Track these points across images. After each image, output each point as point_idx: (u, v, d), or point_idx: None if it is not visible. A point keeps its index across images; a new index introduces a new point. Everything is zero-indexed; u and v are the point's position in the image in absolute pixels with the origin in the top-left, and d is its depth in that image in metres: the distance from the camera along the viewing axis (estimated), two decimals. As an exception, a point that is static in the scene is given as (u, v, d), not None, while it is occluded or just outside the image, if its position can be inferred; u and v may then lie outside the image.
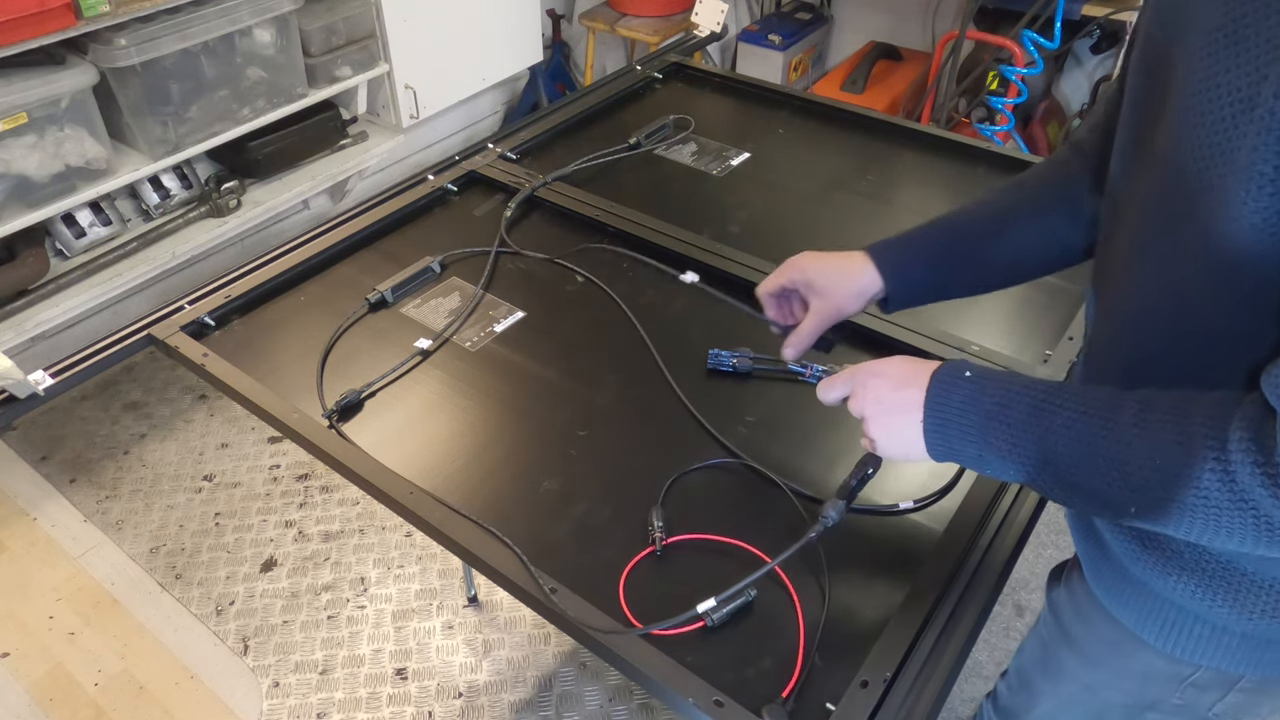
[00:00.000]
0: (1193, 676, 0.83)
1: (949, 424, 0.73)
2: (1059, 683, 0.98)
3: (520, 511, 0.99)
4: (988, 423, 0.71)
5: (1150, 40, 0.71)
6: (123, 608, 2.05)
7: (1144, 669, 0.86)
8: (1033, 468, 0.70)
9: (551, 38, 3.64)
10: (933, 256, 0.95)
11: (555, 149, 1.66)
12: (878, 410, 0.78)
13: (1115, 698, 0.91)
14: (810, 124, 1.74)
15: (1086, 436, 0.66)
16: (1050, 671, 0.99)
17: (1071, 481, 0.68)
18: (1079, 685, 0.95)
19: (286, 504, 2.28)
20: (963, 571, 0.91)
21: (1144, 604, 0.82)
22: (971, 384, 0.73)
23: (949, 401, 0.73)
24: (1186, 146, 0.63)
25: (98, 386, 2.61)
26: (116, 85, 2.01)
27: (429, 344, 1.22)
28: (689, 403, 1.11)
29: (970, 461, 0.74)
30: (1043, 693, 1.01)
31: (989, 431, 0.71)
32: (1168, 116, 0.66)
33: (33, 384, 1.13)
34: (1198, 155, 0.62)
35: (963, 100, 2.94)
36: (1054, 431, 0.68)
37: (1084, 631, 0.91)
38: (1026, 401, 0.69)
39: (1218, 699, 0.84)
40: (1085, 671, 0.93)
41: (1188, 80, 0.63)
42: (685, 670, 0.82)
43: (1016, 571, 0.97)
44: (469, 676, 1.90)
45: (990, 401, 0.71)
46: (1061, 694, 0.98)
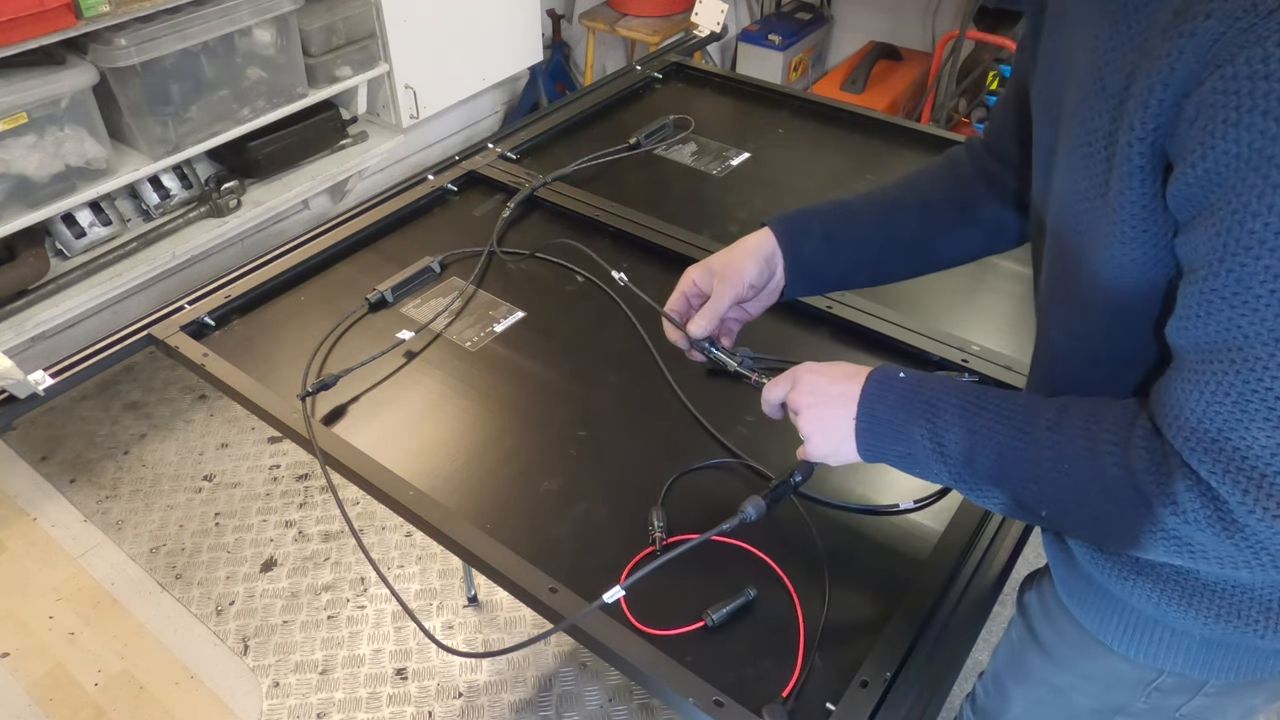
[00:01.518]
0: (1157, 681, 0.84)
1: (880, 421, 0.75)
2: (1029, 686, 0.98)
3: (520, 511, 0.99)
4: (915, 421, 0.73)
5: (1043, 113, 0.75)
6: (123, 608, 2.05)
7: (1109, 673, 0.86)
8: (955, 468, 0.72)
9: (551, 38, 3.64)
10: (826, 226, 0.95)
11: (555, 149, 1.66)
12: (813, 402, 0.80)
13: (1083, 701, 0.92)
14: (810, 124, 1.74)
15: (1006, 440, 0.69)
16: (1020, 675, 0.99)
17: (990, 482, 0.71)
18: (1047, 688, 0.95)
19: (286, 504, 2.28)
20: (963, 571, 0.91)
21: (1106, 608, 0.82)
22: (904, 384, 0.75)
23: (883, 399, 0.75)
24: (1069, 199, 0.68)
25: (98, 386, 2.61)
26: (116, 85, 2.01)
27: (410, 334, 1.23)
28: (689, 403, 1.11)
29: (897, 460, 0.76)
30: (1015, 696, 1.01)
31: (916, 430, 0.73)
32: (1056, 174, 0.71)
33: (33, 384, 1.13)
34: (1075, 205, 0.67)
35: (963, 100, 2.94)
36: (976, 434, 0.71)
37: (1051, 635, 0.92)
38: (954, 404, 0.72)
39: (1184, 702, 0.84)
40: (1053, 675, 0.93)
41: (1068, 134, 0.67)
42: (685, 670, 0.82)
43: (1016, 571, 0.97)
44: (469, 676, 1.90)
45: (920, 402, 0.74)
46: (1032, 697, 0.99)
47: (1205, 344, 0.59)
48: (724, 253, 0.95)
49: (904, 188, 0.97)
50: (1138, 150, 0.59)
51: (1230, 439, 0.57)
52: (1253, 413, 0.56)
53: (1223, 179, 0.54)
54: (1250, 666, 0.78)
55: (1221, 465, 0.58)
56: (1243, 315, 0.56)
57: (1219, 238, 0.55)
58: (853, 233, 0.96)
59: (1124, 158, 0.60)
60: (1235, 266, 0.55)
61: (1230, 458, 0.58)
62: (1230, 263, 0.55)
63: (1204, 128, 0.54)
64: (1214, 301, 0.57)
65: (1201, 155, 0.54)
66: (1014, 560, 0.95)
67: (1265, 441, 0.56)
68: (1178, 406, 0.60)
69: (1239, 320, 0.56)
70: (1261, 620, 0.73)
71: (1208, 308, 0.57)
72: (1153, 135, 0.58)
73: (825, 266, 0.95)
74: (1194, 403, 0.59)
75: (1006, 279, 1.33)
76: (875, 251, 0.96)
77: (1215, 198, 0.55)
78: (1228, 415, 0.57)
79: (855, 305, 1.23)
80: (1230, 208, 0.54)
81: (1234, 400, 0.57)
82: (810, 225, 0.95)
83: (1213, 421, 0.58)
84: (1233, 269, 0.55)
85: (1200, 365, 0.59)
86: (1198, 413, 0.59)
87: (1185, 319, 0.60)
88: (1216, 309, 0.57)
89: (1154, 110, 0.57)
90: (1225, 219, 0.54)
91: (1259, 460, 0.57)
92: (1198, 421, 0.59)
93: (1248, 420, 0.56)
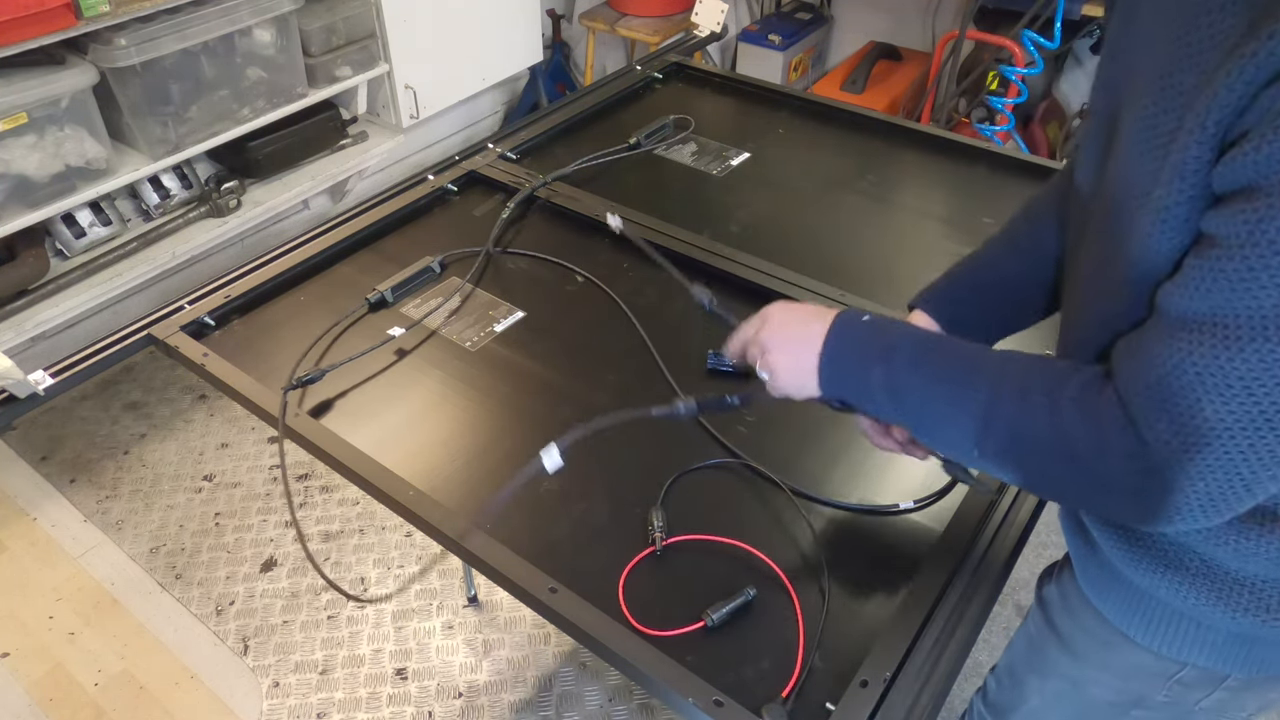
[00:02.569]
0: (1180, 674, 0.84)
1: (843, 356, 0.80)
2: (1046, 679, 0.99)
3: (520, 511, 0.99)
4: (874, 363, 0.78)
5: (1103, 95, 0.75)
6: (123, 608, 2.05)
7: (1130, 665, 0.87)
8: (904, 408, 0.77)
9: (551, 38, 3.64)
10: (981, 299, 0.96)
11: (555, 149, 1.66)
12: (782, 339, 0.83)
13: (1101, 694, 0.92)
14: (810, 124, 1.74)
15: (951, 381, 0.74)
16: (1038, 668, 0.99)
17: (936, 421, 0.76)
18: (1066, 681, 0.96)
19: (286, 504, 2.28)
20: (963, 571, 0.91)
21: (1130, 601, 0.83)
22: (868, 326, 0.80)
23: (847, 337, 0.80)
24: (1120, 188, 0.69)
25: (98, 386, 2.61)
26: (116, 85, 2.01)
27: (401, 331, 1.23)
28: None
29: (854, 395, 0.80)
30: (1031, 689, 1.02)
31: (874, 372, 0.77)
32: (1111, 162, 0.71)
33: (33, 384, 1.13)
34: (1127, 196, 0.67)
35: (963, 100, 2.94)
36: (926, 376, 0.75)
37: (1072, 628, 0.92)
38: (909, 348, 0.77)
39: (1204, 696, 0.85)
40: (1072, 667, 0.94)
41: (1129, 126, 0.68)
42: (685, 670, 0.82)
43: (1016, 571, 0.97)
44: (469, 676, 1.90)
45: (880, 344, 0.78)
46: (1049, 690, 0.99)
47: (1194, 313, 0.60)
48: None
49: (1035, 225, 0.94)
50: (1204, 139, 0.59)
51: (1180, 404, 0.61)
52: (1209, 385, 0.59)
53: (1274, 169, 0.55)
54: (1274, 661, 0.78)
55: (1163, 423, 0.62)
56: (1240, 298, 0.57)
57: (1248, 223, 0.56)
58: (1004, 295, 0.95)
59: (1187, 146, 0.60)
60: (1252, 254, 0.56)
61: (1174, 418, 0.61)
62: (1248, 249, 0.56)
63: (1275, 117, 0.54)
64: (1219, 279, 0.58)
65: (1260, 143, 0.55)
66: (1014, 560, 0.95)
67: (1209, 414, 0.60)
68: (1143, 363, 0.63)
69: (1235, 301, 0.58)
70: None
71: (1211, 282, 0.59)
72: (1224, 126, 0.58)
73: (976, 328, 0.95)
74: (1161, 363, 0.62)
75: (1006, 279, 1.33)
76: (1027, 306, 0.95)
77: (1260, 183, 0.56)
78: (1187, 381, 0.60)
79: (855, 306, 1.23)
80: (1270, 198, 0.55)
81: (1198, 370, 0.60)
82: (965, 298, 0.96)
83: (1173, 383, 0.61)
84: (1248, 255, 0.56)
85: (1179, 330, 0.61)
86: (1160, 373, 0.62)
87: (1185, 286, 0.61)
88: (1219, 286, 0.58)
89: (1231, 102, 0.57)
90: (1262, 207, 0.55)
91: (1197, 429, 0.61)
92: (1156, 380, 0.62)
93: (1202, 390, 0.60)
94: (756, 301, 1.29)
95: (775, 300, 0.89)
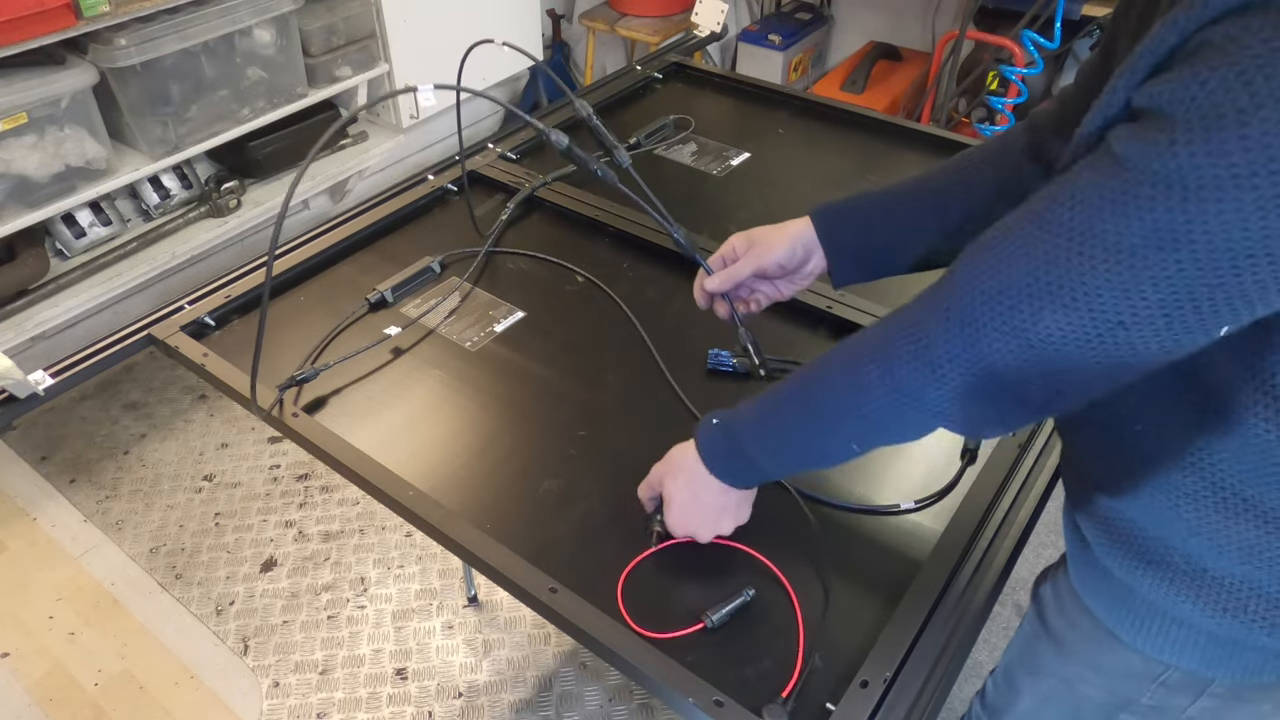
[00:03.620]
0: (1164, 676, 0.84)
1: (720, 460, 0.85)
2: (1039, 678, 0.99)
3: (520, 511, 0.99)
4: (743, 450, 0.82)
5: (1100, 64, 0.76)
6: (123, 608, 2.05)
7: (1117, 665, 0.87)
8: (781, 464, 0.84)
9: (551, 38, 3.64)
10: (869, 214, 0.97)
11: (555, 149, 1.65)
12: (686, 516, 0.90)
13: (1091, 694, 0.92)
14: (810, 124, 1.74)
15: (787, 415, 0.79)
16: (1031, 666, 1.00)
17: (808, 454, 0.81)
18: (1057, 680, 0.96)
19: (286, 504, 2.28)
20: (963, 571, 0.91)
21: (1117, 599, 0.83)
22: (719, 428, 0.84)
23: (714, 448, 0.85)
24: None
25: (98, 386, 2.61)
26: (116, 85, 2.01)
27: (398, 330, 1.23)
28: (690, 402, 1.11)
29: (754, 480, 0.88)
30: (1024, 688, 1.02)
31: (748, 455, 0.82)
32: None
33: (33, 384, 1.12)
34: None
35: (963, 100, 2.94)
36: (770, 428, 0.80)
37: (1063, 625, 0.92)
38: (752, 416, 0.81)
39: (1189, 702, 0.85)
40: (1062, 665, 0.94)
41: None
42: (685, 670, 0.82)
43: (1016, 571, 0.97)
44: (469, 676, 1.90)
45: (738, 428, 0.82)
46: (1041, 689, 0.99)
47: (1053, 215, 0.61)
48: (768, 228, 1.00)
49: (951, 171, 0.97)
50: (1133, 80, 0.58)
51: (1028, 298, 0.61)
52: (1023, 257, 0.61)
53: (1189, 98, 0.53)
54: (1257, 666, 0.78)
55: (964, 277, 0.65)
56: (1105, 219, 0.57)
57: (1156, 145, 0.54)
58: (895, 220, 0.96)
59: (1114, 89, 0.59)
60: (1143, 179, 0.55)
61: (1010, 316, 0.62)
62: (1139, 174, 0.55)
63: (1208, 51, 0.52)
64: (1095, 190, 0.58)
65: (1191, 69, 0.53)
66: (1014, 560, 0.95)
67: (1018, 277, 0.61)
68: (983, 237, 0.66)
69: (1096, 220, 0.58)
70: (1269, 618, 0.73)
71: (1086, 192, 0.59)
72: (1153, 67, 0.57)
73: (869, 254, 0.98)
74: (991, 237, 0.65)
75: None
76: (920, 240, 0.96)
77: (1174, 111, 0.54)
78: (1001, 253, 0.63)
79: (855, 305, 1.23)
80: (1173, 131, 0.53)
81: (1014, 243, 0.62)
82: (853, 214, 0.97)
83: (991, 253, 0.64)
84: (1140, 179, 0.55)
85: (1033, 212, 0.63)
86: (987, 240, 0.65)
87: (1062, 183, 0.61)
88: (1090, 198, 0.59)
89: (1169, 40, 0.55)
90: (1163, 138, 0.54)
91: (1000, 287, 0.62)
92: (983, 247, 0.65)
93: (1011, 255, 0.62)
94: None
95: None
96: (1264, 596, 0.73)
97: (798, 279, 1.01)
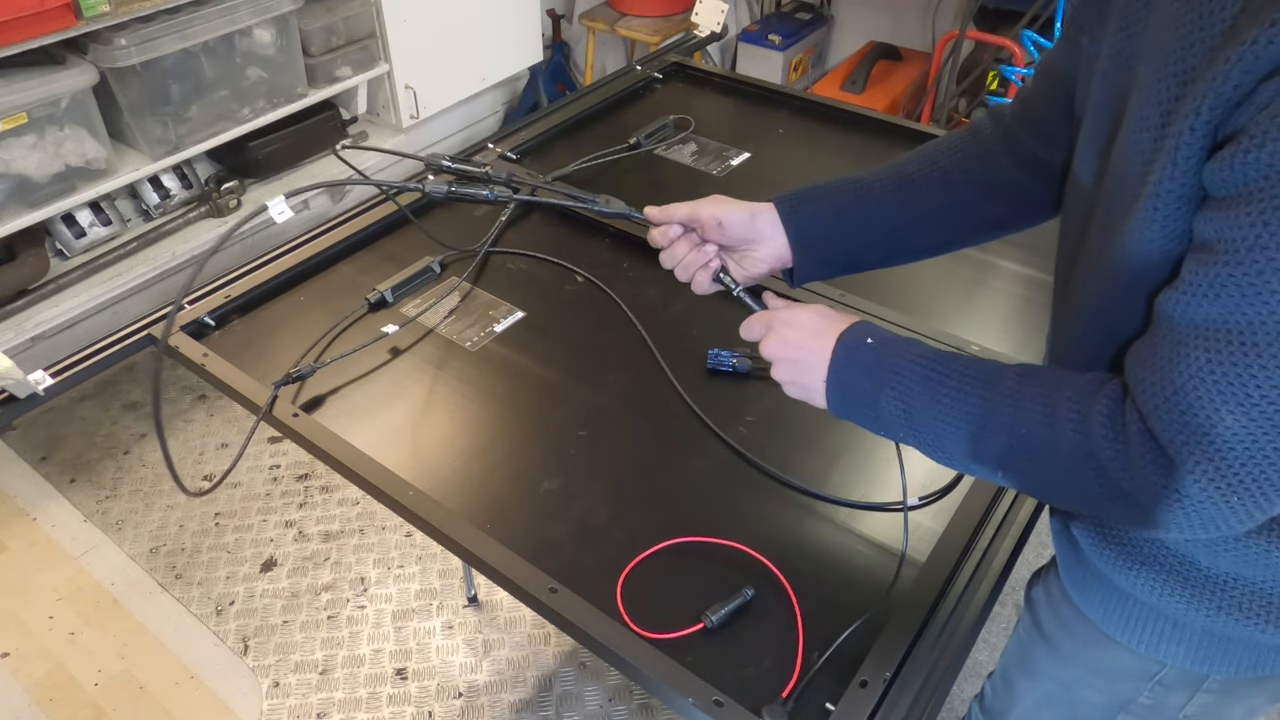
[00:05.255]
0: (1159, 674, 0.84)
1: (848, 388, 0.77)
2: (1036, 680, 0.99)
3: (520, 511, 0.99)
4: (883, 390, 0.74)
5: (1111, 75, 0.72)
6: (123, 608, 2.05)
7: (1113, 666, 0.87)
8: (919, 432, 0.74)
9: (551, 38, 3.64)
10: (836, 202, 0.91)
11: (555, 149, 1.66)
12: (784, 357, 0.80)
13: (1089, 696, 0.92)
14: (810, 124, 1.74)
15: (967, 405, 0.71)
16: (1028, 669, 1.00)
17: (949, 442, 0.73)
18: (1055, 683, 0.96)
19: (286, 504, 2.28)
20: (963, 571, 0.91)
21: (1110, 600, 0.83)
22: (871, 351, 0.76)
23: (850, 367, 0.76)
24: (1120, 171, 0.67)
25: (98, 386, 2.61)
26: (116, 85, 2.01)
27: (394, 328, 1.23)
28: (690, 401, 1.11)
29: (864, 422, 0.77)
30: (1022, 691, 1.02)
31: (883, 398, 0.74)
32: (1115, 146, 0.69)
33: (33, 384, 1.13)
34: (1125, 179, 0.66)
35: (963, 100, 2.94)
36: (939, 401, 0.72)
37: (1057, 627, 0.92)
38: (920, 371, 0.73)
39: (1186, 700, 0.85)
40: (1059, 669, 0.94)
41: (1137, 111, 0.66)
42: (685, 670, 0.82)
43: (1016, 571, 0.97)
44: (469, 676, 1.90)
45: (887, 371, 0.74)
46: (1039, 692, 0.99)
47: (1203, 321, 0.59)
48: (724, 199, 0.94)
49: (922, 160, 0.91)
50: (1197, 125, 0.58)
51: (1200, 414, 0.59)
52: (1228, 394, 0.58)
53: (1274, 171, 0.54)
54: (1250, 662, 0.78)
55: (1184, 435, 0.60)
56: (1252, 304, 0.56)
57: (1254, 227, 0.55)
58: (864, 209, 0.90)
59: (1180, 131, 0.59)
60: (1261, 258, 0.55)
61: (1194, 430, 0.59)
62: (1258, 254, 0.55)
63: (1274, 115, 0.53)
64: (1228, 285, 0.57)
65: (1263, 141, 0.54)
66: (1014, 560, 0.95)
67: (1230, 423, 0.58)
68: (1159, 374, 0.62)
69: (1246, 308, 0.56)
70: (1262, 614, 0.74)
71: (1219, 289, 0.58)
72: (1220, 114, 0.57)
73: (834, 245, 0.91)
74: (1177, 374, 0.60)
75: (1006, 279, 1.33)
76: (890, 229, 0.91)
77: (1262, 186, 0.55)
78: (1205, 391, 0.59)
79: (855, 305, 1.23)
80: (1274, 201, 0.54)
81: (1216, 380, 0.58)
82: (818, 203, 0.91)
83: (1191, 394, 0.59)
84: (1258, 260, 0.55)
85: (1192, 339, 0.60)
86: (1177, 384, 0.60)
87: (1189, 293, 0.60)
88: (1228, 292, 0.57)
89: (1227, 91, 0.56)
90: (1267, 211, 0.54)
91: (1218, 438, 0.59)
92: (1174, 391, 0.60)
93: (1221, 400, 0.58)
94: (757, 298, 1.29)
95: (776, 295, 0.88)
96: (1257, 593, 0.73)
97: (755, 261, 0.92)
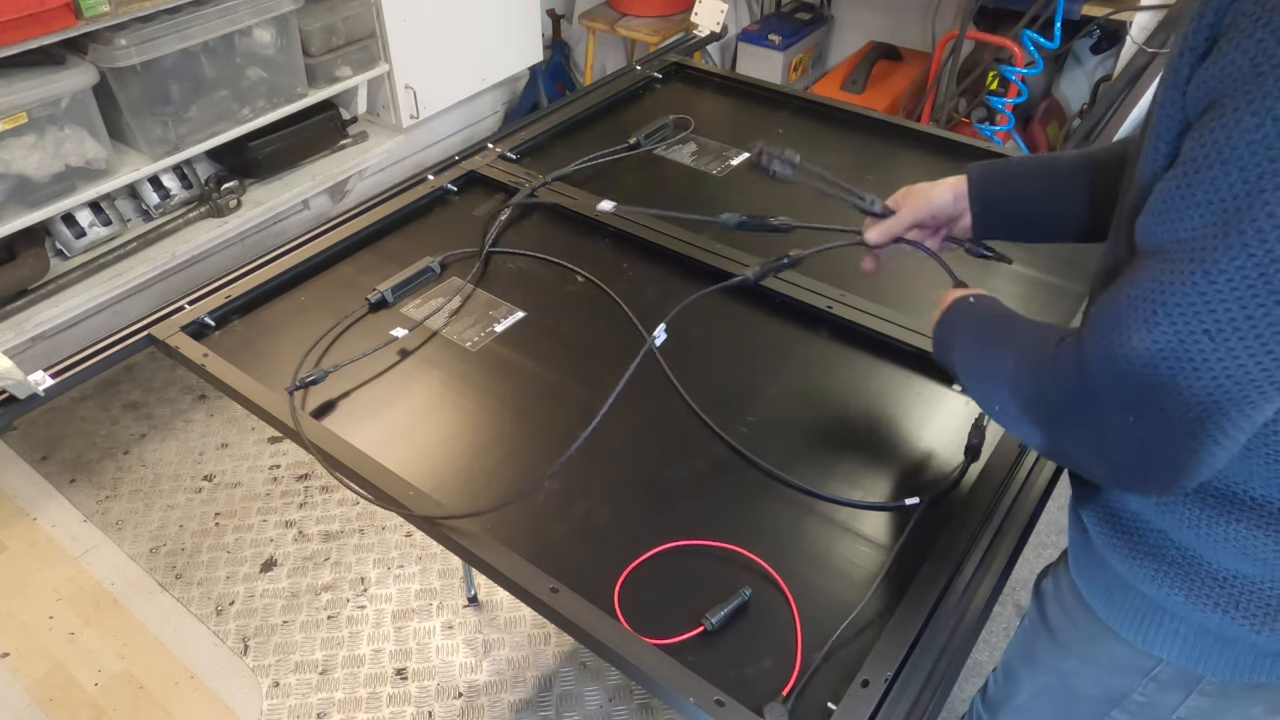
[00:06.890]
0: (1154, 670, 0.84)
1: (943, 335, 0.90)
2: (1035, 671, 1.00)
3: (520, 511, 0.99)
4: (957, 337, 0.87)
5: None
6: (123, 608, 2.05)
7: (1110, 659, 0.87)
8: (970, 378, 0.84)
9: (551, 38, 3.64)
10: (1019, 172, 0.97)
11: (555, 149, 1.66)
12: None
13: (1085, 688, 0.93)
14: (810, 124, 1.74)
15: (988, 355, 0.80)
16: (1028, 660, 1.01)
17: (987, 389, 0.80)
18: (1053, 674, 0.97)
19: (286, 504, 2.28)
20: (963, 571, 0.91)
21: (1112, 589, 0.84)
22: (964, 310, 0.88)
23: (950, 318, 0.89)
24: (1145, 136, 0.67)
25: (98, 386, 2.61)
26: (116, 85, 2.01)
27: (404, 332, 1.23)
28: (691, 401, 1.11)
29: (947, 364, 0.90)
30: (1021, 681, 1.03)
31: (955, 345, 0.86)
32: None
33: (33, 384, 1.12)
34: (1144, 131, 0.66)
35: (963, 100, 2.94)
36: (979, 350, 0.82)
37: (1060, 617, 0.93)
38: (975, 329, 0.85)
39: (1180, 700, 0.85)
40: (1058, 659, 0.95)
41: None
42: (686, 670, 0.82)
43: (1016, 571, 0.97)
44: (469, 676, 1.90)
45: (972, 324, 0.85)
46: (1037, 683, 1.00)
47: (1146, 240, 0.60)
48: (925, 183, 1.02)
49: (1110, 147, 0.95)
50: (1196, 44, 0.59)
51: (1117, 325, 0.60)
52: (1138, 314, 0.59)
53: (1229, 78, 0.55)
54: (1246, 665, 0.78)
55: (1098, 348, 0.62)
56: (1180, 220, 0.57)
57: (1200, 142, 0.56)
58: (1045, 181, 0.96)
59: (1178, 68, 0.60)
60: (1201, 168, 0.55)
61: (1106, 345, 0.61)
62: (1199, 164, 0.56)
63: (1229, 37, 0.55)
64: (1168, 201, 0.58)
65: (1217, 58, 0.55)
66: (1014, 560, 0.95)
67: (1135, 343, 0.59)
68: (1111, 290, 0.63)
69: (1176, 224, 0.57)
70: (1260, 614, 0.74)
71: (1163, 206, 0.59)
72: (1210, 20, 0.58)
73: (1008, 217, 0.98)
74: (1122, 293, 0.61)
75: (1007, 279, 1.33)
76: (1065, 205, 0.95)
77: (1217, 97, 0.55)
78: (1123, 304, 0.60)
79: (855, 305, 1.23)
80: (1221, 115, 0.55)
81: (1138, 297, 0.59)
82: (1005, 170, 0.98)
83: (1122, 310, 0.60)
84: (1199, 171, 0.56)
85: (1136, 258, 0.61)
86: (1117, 300, 0.61)
87: (1146, 213, 0.61)
88: (1167, 210, 0.58)
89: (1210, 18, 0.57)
90: (1214, 124, 0.55)
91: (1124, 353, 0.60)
92: (1113, 306, 0.62)
93: (1132, 315, 0.59)
94: (757, 299, 1.30)
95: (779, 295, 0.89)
96: (1256, 593, 0.73)
97: (955, 230, 1.01)
